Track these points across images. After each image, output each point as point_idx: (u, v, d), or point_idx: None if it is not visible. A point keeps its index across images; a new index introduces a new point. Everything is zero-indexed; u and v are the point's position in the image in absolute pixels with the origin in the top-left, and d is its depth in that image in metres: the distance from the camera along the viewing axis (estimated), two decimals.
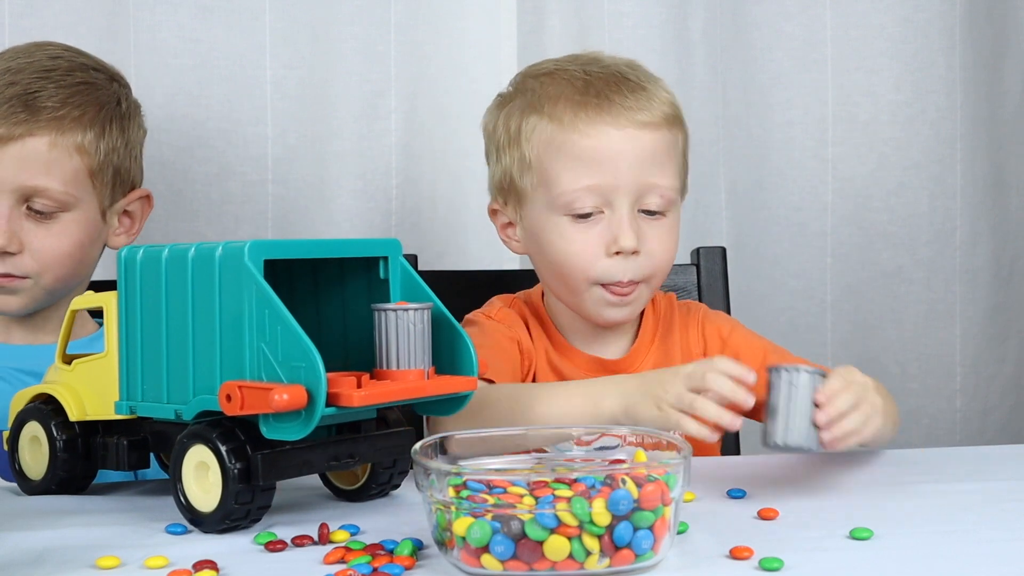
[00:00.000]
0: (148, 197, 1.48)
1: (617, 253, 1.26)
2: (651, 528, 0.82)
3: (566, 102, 1.28)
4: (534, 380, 1.33)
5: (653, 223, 1.28)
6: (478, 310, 1.39)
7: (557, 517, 0.79)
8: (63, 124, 1.36)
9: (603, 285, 1.29)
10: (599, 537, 0.80)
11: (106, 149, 1.40)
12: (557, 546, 0.80)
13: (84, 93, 1.39)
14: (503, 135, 1.34)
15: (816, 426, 1.04)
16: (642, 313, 1.37)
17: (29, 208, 1.36)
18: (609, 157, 1.26)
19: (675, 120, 1.30)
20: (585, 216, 1.27)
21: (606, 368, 1.33)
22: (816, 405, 1.04)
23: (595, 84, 1.29)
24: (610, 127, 1.26)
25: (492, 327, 1.34)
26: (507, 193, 1.35)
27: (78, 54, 1.45)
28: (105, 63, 1.47)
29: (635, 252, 1.26)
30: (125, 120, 1.43)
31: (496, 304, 1.39)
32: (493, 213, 1.39)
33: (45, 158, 1.35)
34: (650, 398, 1.08)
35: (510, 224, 1.37)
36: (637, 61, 1.35)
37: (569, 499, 0.80)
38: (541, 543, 0.80)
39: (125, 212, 1.46)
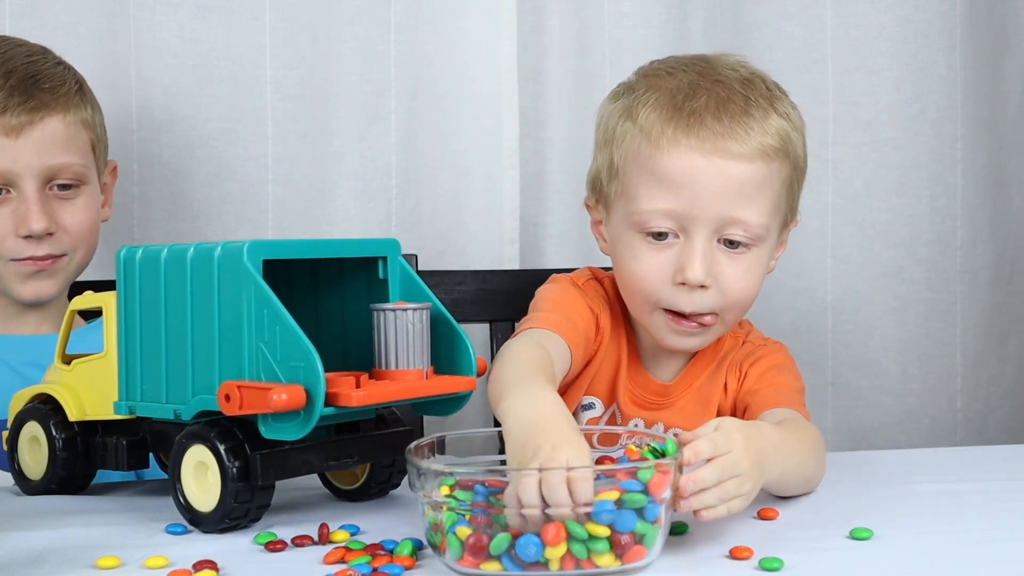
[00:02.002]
0: (116, 168, 1.56)
1: (683, 283, 1.19)
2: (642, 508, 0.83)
3: (658, 114, 1.19)
4: (588, 362, 1.26)
5: (733, 256, 1.20)
6: (567, 273, 1.33)
7: (543, 547, 0.80)
8: (70, 101, 1.41)
9: (667, 311, 1.22)
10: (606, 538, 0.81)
11: (99, 123, 1.47)
12: (555, 556, 0.81)
13: (65, 73, 1.44)
14: (602, 132, 1.27)
15: None
16: None
17: (51, 187, 1.40)
18: (689, 183, 1.17)
19: (777, 152, 1.20)
20: (660, 236, 1.20)
21: (651, 389, 1.29)
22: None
23: (695, 99, 1.19)
24: (695, 152, 1.17)
25: (570, 291, 1.27)
26: (598, 193, 1.29)
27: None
28: None
29: (703, 286, 1.18)
30: (93, 95, 1.48)
31: (584, 274, 1.32)
32: (588, 208, 1.33)
33: (63, 135, 1.40)
34: (531, 446, 0.89)
35: (600, 222, 1.30)
36: (764, 75, 1.26)
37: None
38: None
39: (103, 184, 1.51)
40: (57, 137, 1.39)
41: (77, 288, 1.42)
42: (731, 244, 1.20)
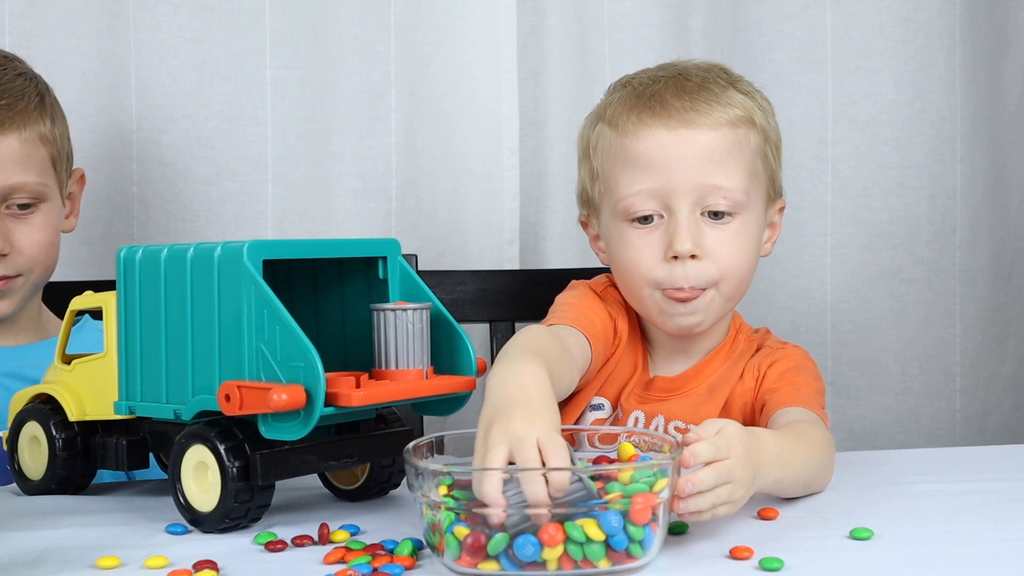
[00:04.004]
0: (83, 176, 1.51)
1: (675, 258, 1.21)
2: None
3: (623, 106, 1.25)
4: (604, 364, 1.28)
5: (718, 226, 1.22)
6: (586, 280, 1.34)
7: (540, 548, 0.80)
8: (27, 117, 1.37)
9: (664, 291, 1.23)
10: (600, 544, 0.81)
11: (60, 136, 1.42)
12: (552, 557, 0.81)
13: (26, 85, 1.39)
14: (581, 147, 1.32)
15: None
16: (722, 341, 1.31)
17: (7, 207, 1.36)
18: (662, 160, 1.21)
19: (742, 120, 1.24)
20: (646, 221, 1.23)
21: (653, 385, 1.29)
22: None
23: (654, 86, 1.25)
24: (661, 129, 1.22)
25: (589, 295, 1.30)
26: (587, 204, 1.33)
27: None
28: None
29: (693, 257, 1.21)
30: (57, 104, 1.44)
31: (603, 281, 1.33)
32: (583, 225, 1.36)
33: (19, 154, 1.35)
34: (503, 415, 0.89)
35: (597, 237, 1.33)
36: (726, 67, 1.31)
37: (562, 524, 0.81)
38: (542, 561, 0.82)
39: (68, 194, 1.47)
40: (13, 156, 1.34)
41: (77, 288, 1.41)
42: (716, 216, 1.23)
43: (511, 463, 0.85)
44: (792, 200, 1.93)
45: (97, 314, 1.11)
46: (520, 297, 1.61)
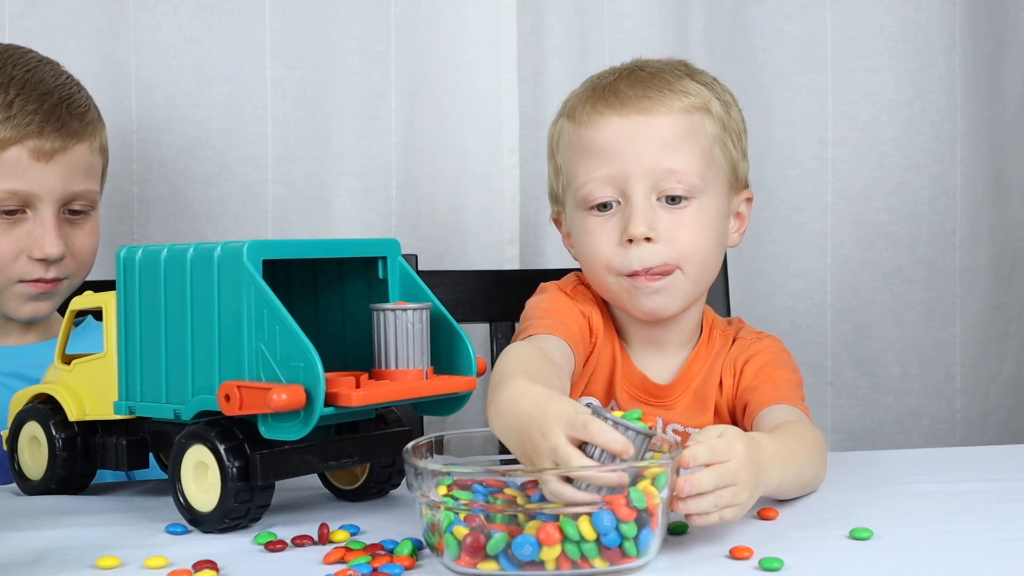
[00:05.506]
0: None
1: (630, 241, 1.22)
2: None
3: (580, 99, 1.28)
4: (585, 363, 1.28)
5: (674, 210, 1.23)
6: (554, 281, 1.35)
7: (539, 547, 0.81)
8: (95, 129, 1.41)
9: (626, 276, 1.24)
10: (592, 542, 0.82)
11: (107, 146, 1.45)
12: (550, 557, 0.81)
13: (87, 98, 1.43)
14: (548, 147, 1.35)
15: None
16: (699, 340, 1.32)
17: (64, 212, 1.38)
18: (615, 146, 1.23)
19: (696, 108, 1.25)
20: (604, 208, 1.24)
21: (648, 390, 1.30)
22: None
23: (610, 78, 1.28)
24: (615, 116, 1.24)
25: (559, 297, 1.30)
26: (556, 202, 1.35)
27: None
28: None
29: (648, 240, 1.22)
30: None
31: (572, 281, 1.34)
32: (556, 223, 1.37)
33: (87, 162, 1.39)
34: (527, 443, 0.91)
35: (568, 235, 1.34)
36: (687, 61, 1.32)
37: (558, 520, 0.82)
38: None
39: None
40: (82, 164, 1.38)
41: (77, 288, 1.42)
42: (672, 200, 1.24)
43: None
44: (792, 200, 1.94)
45: (98, 314, 1.11)
46: (520, 297, 1.60)
